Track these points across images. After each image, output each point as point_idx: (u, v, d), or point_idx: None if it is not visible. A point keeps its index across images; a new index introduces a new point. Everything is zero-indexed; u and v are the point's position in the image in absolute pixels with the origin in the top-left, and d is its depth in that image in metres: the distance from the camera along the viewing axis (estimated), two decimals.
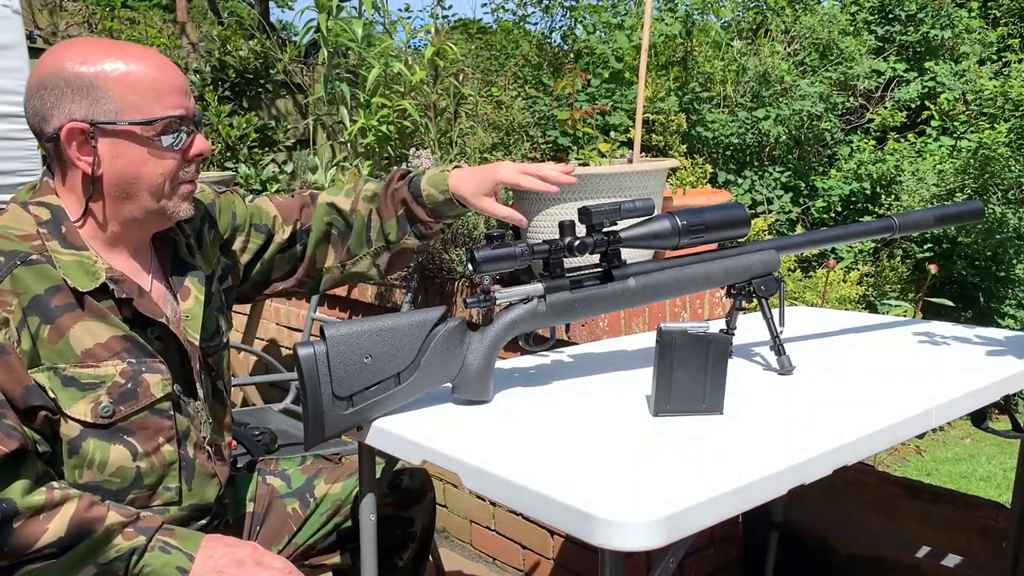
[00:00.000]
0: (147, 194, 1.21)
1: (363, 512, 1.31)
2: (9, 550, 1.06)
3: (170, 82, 1.20)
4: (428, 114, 3.33)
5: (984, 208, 1.64)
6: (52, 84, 1.16)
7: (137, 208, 1.22)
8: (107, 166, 1.18)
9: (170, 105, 1.19)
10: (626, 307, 1.37)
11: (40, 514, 1.08)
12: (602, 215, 1.28)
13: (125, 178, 1.19)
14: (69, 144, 1.16)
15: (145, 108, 1.17)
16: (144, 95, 1.17)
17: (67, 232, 1.19)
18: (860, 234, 1.55)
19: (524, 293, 1.28)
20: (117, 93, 1.16)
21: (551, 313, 1.29)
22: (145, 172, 1.19)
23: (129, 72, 1.17)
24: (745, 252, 1.42)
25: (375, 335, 1.19)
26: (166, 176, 1.21)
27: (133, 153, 1.18)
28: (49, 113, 1.16)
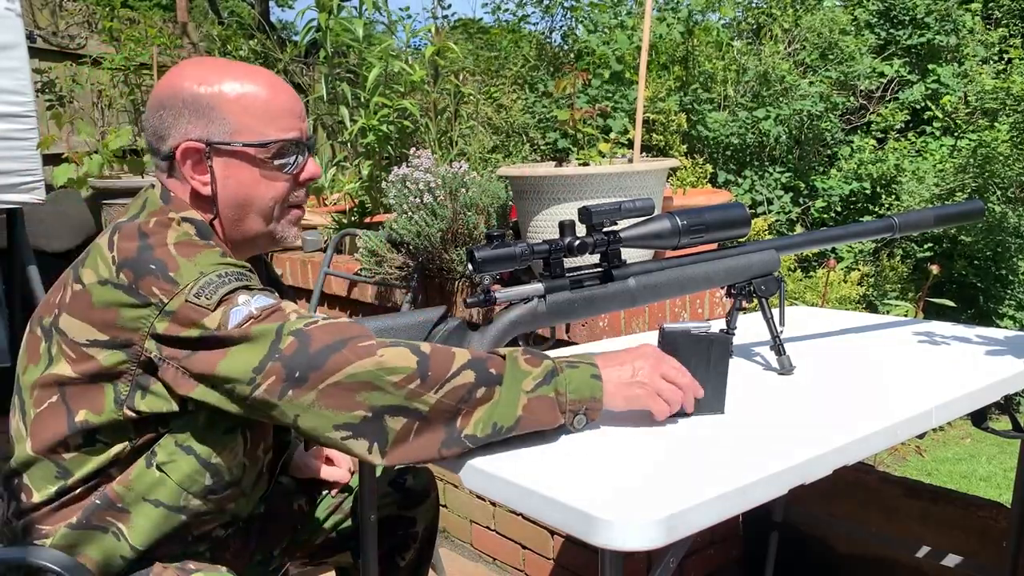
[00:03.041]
0: (258, 216, 1.22)
1: (363, 511, 1.31)
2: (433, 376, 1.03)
3: (284, 105, 1.20)
4: (428, 114, 3.33)
5: (984, 207, 1.64)
6: (170, 104, 1.17)
7: (248, 230, 1.22)
8: (220, 186, 1.18)
9: (284, 128, 1.19)
10: (626, 307, 1.37)
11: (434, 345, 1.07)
12: (602, 215, 1.28)
13: (237, 199, 1.20)
14: (184, 163, 1.17)
15: (259, 130, 1.18)
16: (259, 117, 1.18)
17: (216, 245, 1.19)
18: (860, 234, 1.55)
19: (524, 293, 1.28)
20: (232, 114, 1.17)
21: (551, 313, 1.29)
22: (257, 194, 1.20)
23: (245, 94, 1.18)
24: (745, 252, 1.42)
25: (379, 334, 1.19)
26: (277, 199, 1.22)
27: (245, 174, 1.19)
28: (167, 132, 1.17)
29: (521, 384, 1.06)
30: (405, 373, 1.01)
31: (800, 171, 4.64)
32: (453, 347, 1.08)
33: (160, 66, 4.34)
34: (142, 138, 4.30)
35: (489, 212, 2.52)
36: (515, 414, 1.05)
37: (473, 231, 2.47)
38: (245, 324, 1.04)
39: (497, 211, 2.55)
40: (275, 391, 1.02)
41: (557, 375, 1.08)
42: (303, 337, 1.03)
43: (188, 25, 5.31)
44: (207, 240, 1.16)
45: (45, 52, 4.51)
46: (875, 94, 5.33)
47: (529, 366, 1.07)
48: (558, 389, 1.07)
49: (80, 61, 4.55)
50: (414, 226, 2.47)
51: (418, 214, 2.47)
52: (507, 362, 1.07)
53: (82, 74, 4.52)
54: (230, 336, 1.04)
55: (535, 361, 1.08)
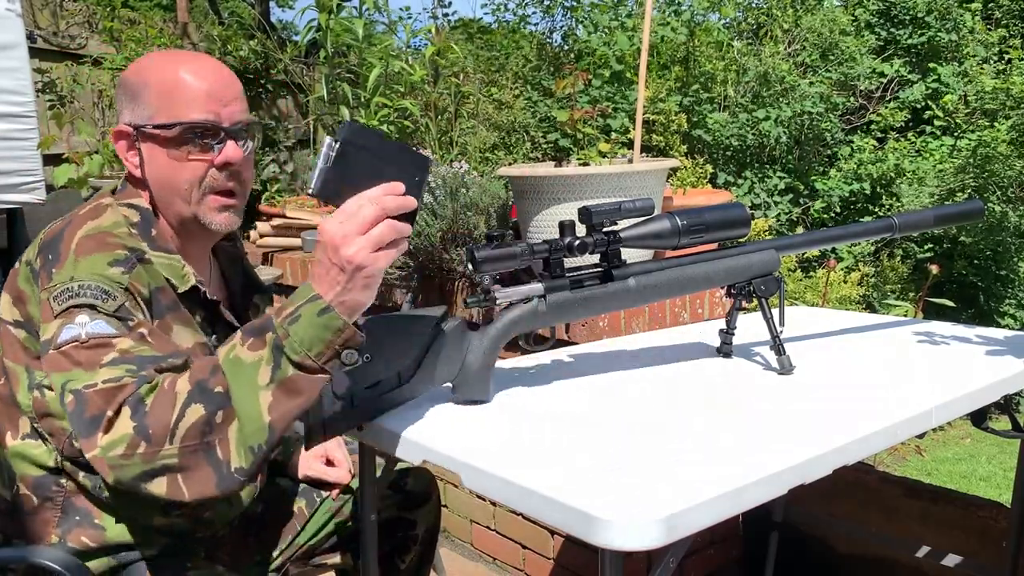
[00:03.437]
0: (179, 199, 1.23)
1: (364, 512, 1.31)
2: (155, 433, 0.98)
3: (202, 88, 1.20)
4: (428, 114, 3.33)
5: (984, 207, 1.64)
6: (118, 92, 1.24)
7: (176, 215, 1.24)
8: (148, 170, 1.22)
9: (197, 111, 1.19)
10: (626, 307, 1.37)
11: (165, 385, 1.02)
12: (602, 215, 1.28)
13: (159, 181, 1.22)
14: (119, 145, 1.23)
15: (170, 113, 1.19)
16: (172, 101, 1.19)
17: (157, 235, 1.22)
18: (860, 234, 1.55)
19: (524, 293, 1.28)
20: (151, 98, 1.20)
21: (551, 313, 1.29)
22: (172, 176, 1.21)
23: (164, 79, 1.20)
24: (745, 252, 1.42)
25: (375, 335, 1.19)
26: (192, 182, 1.22)
27: (160, 157, 1.21)
28: (117, 118, 1.24)
29: (256, 381, 0.99)
30: (125, 443, 0.97)
31: (800, 171, 4.64)
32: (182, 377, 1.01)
33: None
34: None
35: (489, 212, 2.53)
36: (263, 424, 0.99)
37: (473, 231, 2.47)
38: (67, 346, 1.06)
39: (497, 211, 2.56)
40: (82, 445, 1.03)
41: (283, 348, 0.99)
42: (80, 400, 1.02)
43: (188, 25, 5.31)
44: (146, 227, 1.20)
45: (45, 52, 4.51)
46: (875, 94, 5.33)
47: (253, 353, 1.00)
48: (293, 359, 0.99)
49: (80, 61, 4.55)
50: (414, 226, 2.47)
51: (418, 214, 2.47)
52: (226, 369, 1.00)
53: (82, 74, 4.52)
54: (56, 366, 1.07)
55: (258, 343, 1.00)
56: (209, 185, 1.22)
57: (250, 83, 4.87)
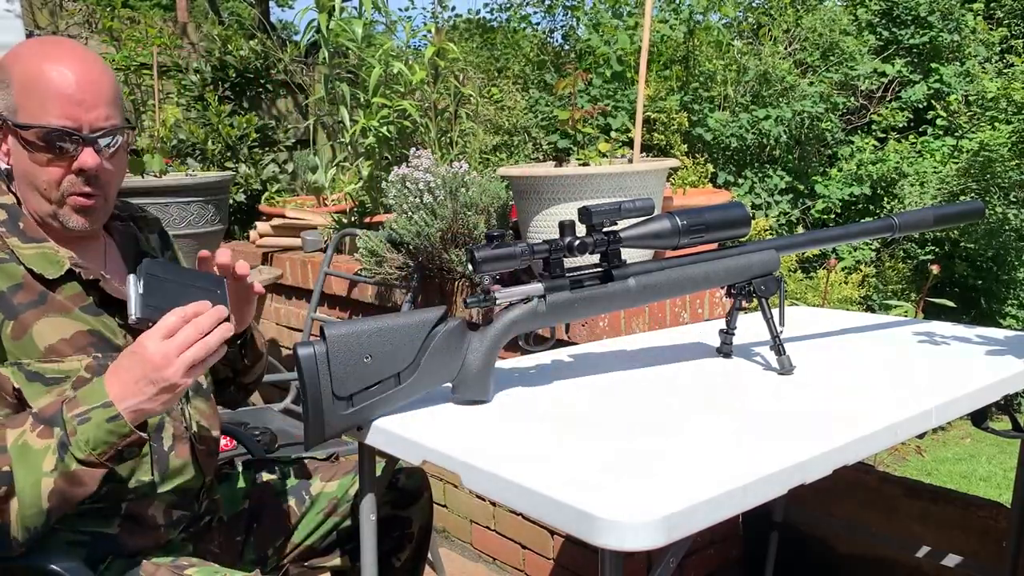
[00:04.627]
0: (38, 196, 1.20)
1: (363, 513, 1.31)
2: None
3: (64, 91, 1.16)
4: (428, 114, 3.32)
5: (984, 207, 1.64)
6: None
7: (37, 210, 1.22)
8: (12, 163, 1.20)
9: (55, 115, 1.16)
10: (626, 307, 1.37)
11: None
12: (602, 215, 1.28)
13: (21, 176, 1.21)
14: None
15: (31, 113, 1.16)
16: (35, 100, 1.16)
17: (25, 227, 1.21)
18: (861, 234, 1.55)
19: (524, 293, 1.28)
20: (16, 92, 1.16)
21: (551, 313, 1.29)
22: (32, 174, 1.19)
23: (29, 74, 1.16)
24: (745, 252, 1.42)
25: (375, 335, 1.19)
26: (51, 184, 1.19)
27: (20, 154, 1.19)
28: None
29: (40, 468, 1.05)
30: None
31: (800, 171, 4.63)
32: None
33: (160, 66, 4.34)
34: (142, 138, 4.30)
35: (489, 212, 2.52)
36: (42, 509, 1.05)
37: (473, 231, 2.47)
38: None
39: (497, 211, 2.56)
40: None
41: (69, 447, 1.05)
42: None
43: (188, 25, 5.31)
44: (13, 222, 1.20)
45: None
46: (875, 94, 5.33)
47: (42, 440, 1.06)
48: (77, 456, 1.05)
49: None
50: (414, 226, 2.47)
51: (418, 214, 2.47)
52: (12, 455, 1.05)
53: None
54: None
55: (47, 432, 1.06)
56: (67, 189, 1.19)
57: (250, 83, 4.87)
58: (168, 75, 4.62)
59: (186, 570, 1.22)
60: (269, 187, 4.25)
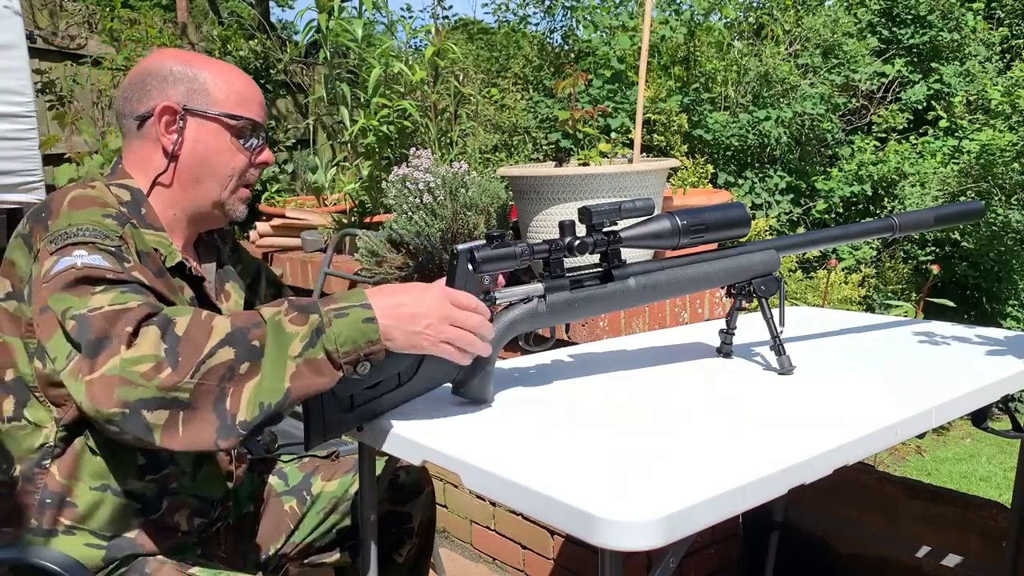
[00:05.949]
0: (215, 183, 1.31)
1: (363, 512, 1.31)
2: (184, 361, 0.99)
3: (253, 94, 1.34)
4: (428, 114, 3.33)
5: (984, 207, 1.64)
6: (156, 72, 1.29)
7: (202, 196, 1.31)
8: (188, 148, 1.28)
9: (252, 112, 1.33)
10: (626, 307, 1.37)
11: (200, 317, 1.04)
12: (602, 215, 1.28)
13: (201, 162, 1.29)
14: (159, 120, 1.27)
15: (233, 106, 1.30)
16: (233, 96, 1.31)
17: (146, 214, 1.27)
18: (861, 234, 1.55)
19: (524, 293, 1.28)
20: (212, 88, 1.29)
21: (551, 313, 1.29)
22: (219, 161, 1.30)
23: (227, 75, 1.32)
24: (745, 252, 1.42)
25: None
26: (235, 172, 1.32)
27: (215, 141, 1.30)
28: (147, 95, 1.28)
29: (287, 350, 1.02)
30: (152, 362, 0.97)
31: (801, 171, 4.63)
32: (221, 318, 1.04)
33: None
34: None
35: (489, 212, 2.52)
36: (282, 387, 1.02)
37: (473, 231, 2.47)
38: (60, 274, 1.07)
39: (497, 211, 2.55)
40: (72, 371, 1.01)
41: (324, 332, 1.04)
42: (83, 322, 1.02)
43: (188, 25, 5.31)
44: (136, 205, 1.25)
45: (45, 52, 4.51)
46: (876, 94, 5.33)
47: (294, 326, 1.03)
48: (327, 347, 1.04)
49: (80, 61, 4.55)
50: (414, 226, 2.47)
51: (418, 214, 2.47)
52: (269, 328, 1.03)
53: (82, 74, 4.52)
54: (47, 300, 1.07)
55: (301, 319, 1.04)
56: (245, 179, 1.34)
57: None
58: None
59: (190, 569, 1.22)
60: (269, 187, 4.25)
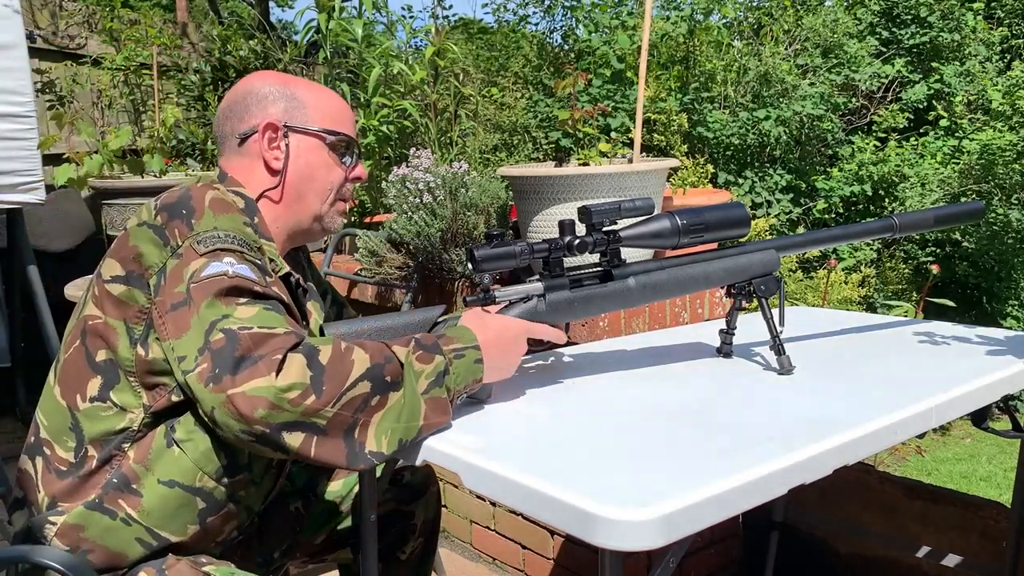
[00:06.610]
0: (316, 197, 1.34)
1: (363, 513, 1.31)
2: (328, 390, 1.04)
3: (349, 113, 1.39)
4: (428, 114, 3.33)
5: (985, 208, 1.64)
6: (257, 91, 1.33)
7: (304, 211, 1.34)
8: (292, 162, 1.32)
9: (347, 128, 1.37)
10: (626, 306, 1.37)
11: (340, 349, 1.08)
12: (602, 215, 1.28)
13: (302, 177, 1.33)
14: (263, 136, 1.31)
15: (330, 122, 1.35)
16: (332, 114, 1.36)
17: (258, 222, 1.28)
18: (861, 234, 1.55)
19: (523, 292, 1.28)
20: (312, 106, 1.34)
21: (550, 312, 1.29)
22: (320, 176, 1.34)
23: (322, 95, 1.37)
24: (745, 252, 1.42)
25: (376, 334, 1.20)
26: (334, 186, 1.36)
27: (315, 156, 1.34)
28: (249, 113, 1.32)
29: (416, 388, 1.10)
30: (300, 390, 1.02)
31: (801, 171, 4.63)
32: (357, 349, 1.08)
33: (160, 66, 4.34)
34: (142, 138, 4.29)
35: (489, 212, 2.52)
36: (417, 424, 1.10)
37: (473, 231, 2.47)
38: (212, 279, 1.09)
39: (497, 211, 2.56)
40: (203, 377, 1.05)
41: (448, 373, 1.13)
42: (232, 337, 1.06)
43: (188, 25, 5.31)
44: (250, 214, 1.26)
45: (45, 52, 4.50)
46: (876, 94, 5.33)
47: (421, 364, 1.11)
48: (448, 386, 1.13)
49: (80, 61, 4.55)
50: (414, 226, 2.47)
51: (418, 214, 2.47)
52: (406, 368, 1.10)
53: (82, 74, 4.52)
54: (195, 299, 1.09)
55: (426, 358, 1.12)
56: (342, 192, 1.38)
57: None
58: (168, 75, 4.62)
59: (204, 567, 1.22)
60: None
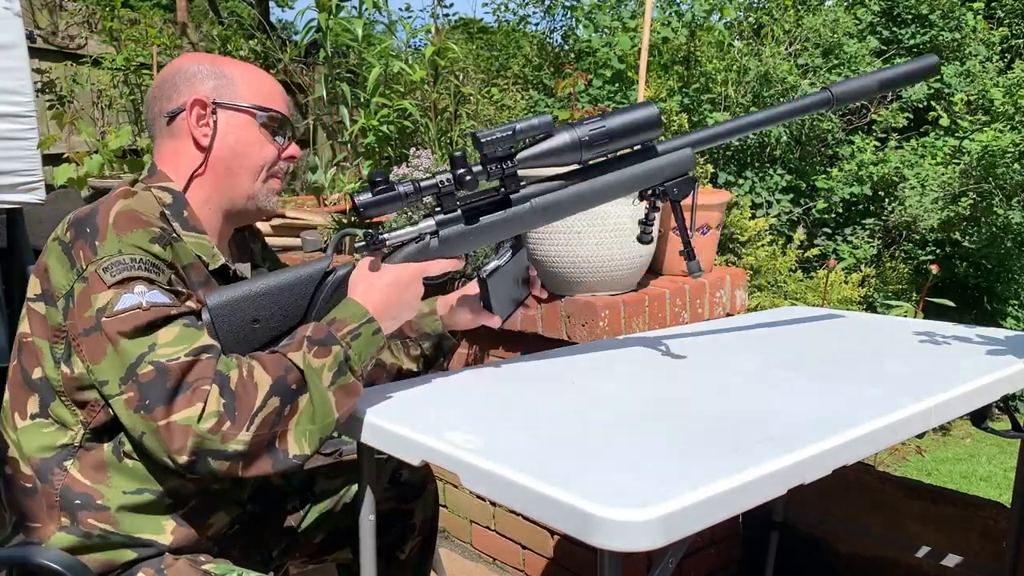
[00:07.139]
0: (248, 174, 1.31)
1: (363, 513, 1.31)
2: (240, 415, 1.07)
3: (280, 91, 1.37)
4: (428, 114, 3.33)
5: (938, 62, 1.46)
6: (186, 70, 1.30)
7: (235, 189, 1.31)
8: (220, 140, 1.29)
9: (279, 105, 1.34)
10: (528, 228, 1.31)
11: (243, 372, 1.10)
12: (495, 143, 1.20)
13: (233, 153, 1.30)
14: (191, 113, 1.28)
15: (260, 99, 1.32)
16: (264, 91, 1.33)
17: (189, 216, 1.27)
18: (795, 112, 1.40)
19: (414, 232, 1.24)
20: (242, 83, 1.32)
21: (446, 248, 1.24)
22: (250, 152, 1.31)
23: (253, 72, 1.35)
24: (656, 155, 1.32)
25: (260, 298, 1.19)
26: (265, 163, 1.32)
27: (246, 132, 1.30)
28: (177, 92, 1.29)
29: (323, 385, 1.12)
30: (216, 418, 1.05)
31: (801, 171, 4.63)
32: (257, 368, 1.10)
33: (160, 66, 4.34)
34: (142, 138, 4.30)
35: None
36: (333, 419, 1.13)
37: None
38: (127, 314, 1.10)
39: None
40: (131, 405, 1.07)
41: (348, 361, 1.14)
42: (161, 370, 1.07)
43: (188, 25, 5.31)
44: (179, 208, 1.25)
45: (45, 52, 4.51)
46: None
47: (320, 359, 1.12)
48: (353, 369, 1.14)
49: (80, 61, 4.55)
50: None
51: (418, 214, 2.47)
52: (306, 372, 1.11)
53: (82, 74, 4.52)
54: (110, 334, 1.10)
55: (323, 352, 1.13)
56: (275, 170, 1.34)
57: None
58: None
59: (204, 565, 1.22)
60: None
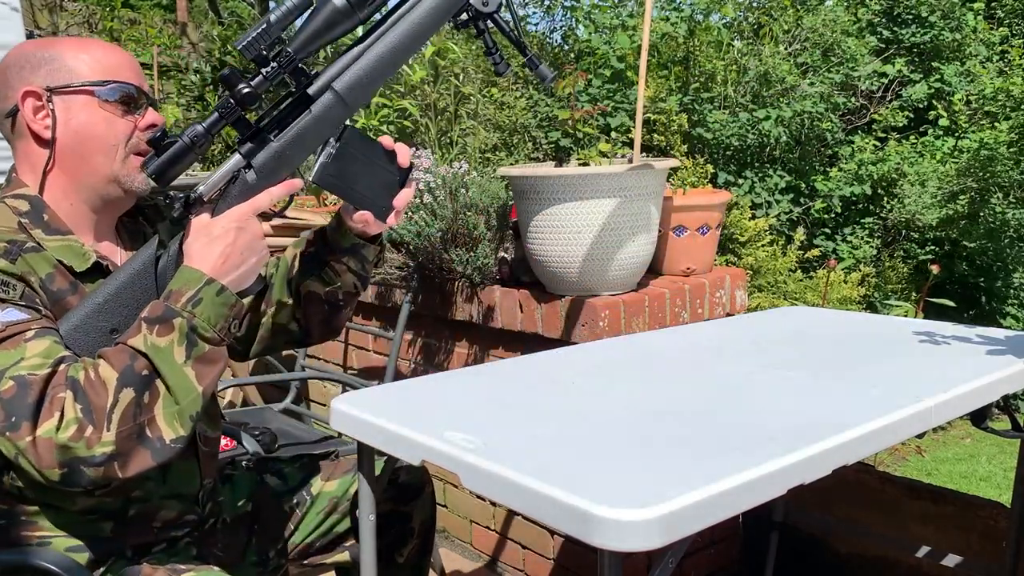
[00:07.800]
0: (101, 156, 1.22)
1: (362, 513, 1.31)
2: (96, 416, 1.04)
3: (122, 59, 1.26)
4: (428, 114, 3.33)
5: None
6: (14, 65, 1.23)
7: (93, 175, 1.23)
8: (62, 128, 1.21)
9: (122, 76, 1.24)
10: (344, 118, 1.20)
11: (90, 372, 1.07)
12: (256, 43, 1.11)
13: (79, 139, 1.22)
14: (25, 107, 1.20)
15: (98, 73, 1.23)
16: (102, 64, 1.23)
17: (50, 219, 1.21)
18: None
19: (227, 173, 1.18)
20: (72, 61, 1.22)
21: (265, 175, 1.18)
22: (99, 133, 1.22)
23: (88, 47, 1.26)
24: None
25: (107, 306, 1.16)
26: (119, 140, 1.23)
27: (87, 114, 1.22)
28: (12, 90, 1.22)
29: (176, 362, 1.09)
30: (76, 425, 1.03)
31: (800, 171, 4.63)
32: (102, 364, 1.07)
33: (160, 66, 4.34)
34: None
35: (489, 212, 2.52)
36: (197, 394, 1.10)
37: (473, 231, 2.47)
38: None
39: (497, 211, 2.55)
40: (4, 427, 1.03)
41: (196, 330, 1.10)
42: (23, 384, 1.04)
43: (188, 25, 5.31)
44: (38, 212, 1.20)
45: None
46: (876, 94, 5.32)
47: (165, 338, 1.09)
48: (205, 336, 1.11)
49: None
50: (414, 226, 2.47)
51: (418, 214, 2.47)
52: (151, 354, 1.08)
53: None
54: None
55: (166, 329, 1.09)
56: (134, 145, 1.24)
57: None
58: (168, 75, 4.63)
59: (184, 574, 1.22)
60: None
